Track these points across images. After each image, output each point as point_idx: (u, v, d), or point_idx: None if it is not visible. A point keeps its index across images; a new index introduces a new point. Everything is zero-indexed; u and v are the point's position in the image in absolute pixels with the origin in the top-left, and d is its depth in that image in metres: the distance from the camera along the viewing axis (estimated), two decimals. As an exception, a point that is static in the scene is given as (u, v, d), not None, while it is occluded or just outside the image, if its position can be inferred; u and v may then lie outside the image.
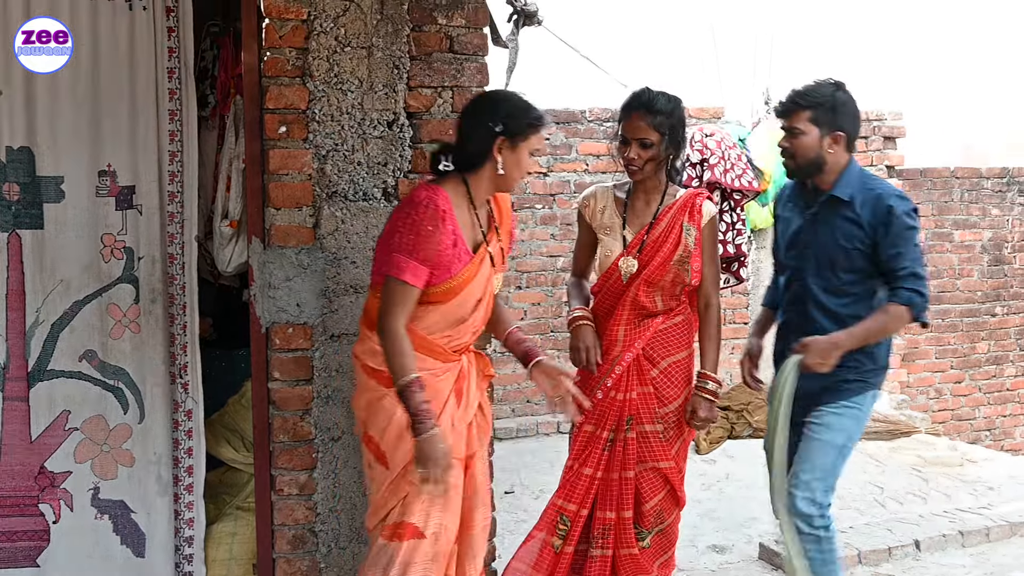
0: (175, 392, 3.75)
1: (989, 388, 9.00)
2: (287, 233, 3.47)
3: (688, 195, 3.69)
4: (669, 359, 3.67)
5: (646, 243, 3.64)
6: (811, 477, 3.53)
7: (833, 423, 3.55)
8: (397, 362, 2.97)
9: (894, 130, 8.34)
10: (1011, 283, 9.04)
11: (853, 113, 3.59)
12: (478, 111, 3.14)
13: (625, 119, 3.62)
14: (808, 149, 3.53)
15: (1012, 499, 5.86)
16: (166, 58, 3.66)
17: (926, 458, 6.91)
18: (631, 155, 3.59)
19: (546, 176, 7.48)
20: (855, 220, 3.49)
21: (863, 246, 3.48)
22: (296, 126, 3.46)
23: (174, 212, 3.72)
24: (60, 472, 3.67)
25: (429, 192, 3.03)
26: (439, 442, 2.96)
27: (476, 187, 3.14)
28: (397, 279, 2.98)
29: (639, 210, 3.71)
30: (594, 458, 3.65)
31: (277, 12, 3.42)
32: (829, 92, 3.53)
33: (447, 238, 3.01)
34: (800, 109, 3.53)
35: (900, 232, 3.43)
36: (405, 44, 3.56)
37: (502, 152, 3.09)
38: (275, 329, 3.49)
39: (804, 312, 3.60)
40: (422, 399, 2.95)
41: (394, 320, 2.98)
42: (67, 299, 3.64)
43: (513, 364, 7.23)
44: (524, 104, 3.15)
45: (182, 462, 3.78)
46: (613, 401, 3.64)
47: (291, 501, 3.55)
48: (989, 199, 8.92)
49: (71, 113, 3.58)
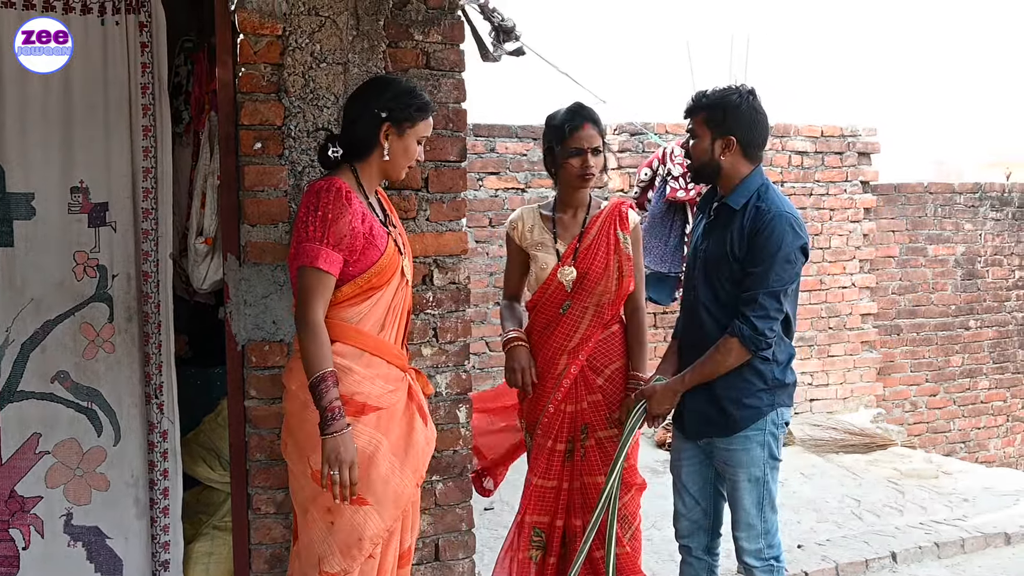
0: (150, 412, 3.71)
1: (964, 401, 9.07)
2: (263, 250, 3.44)
3: (613, 204, 3.83)
4: (611, 366, 3.78)
5: (579, 251, 3.75)
6: (745, 517, 3.44)
7: (741, 459, 3.41)
8: (314, 354, 2.86)
9: (868, 146, 8.40)
10: (984, 297, 9.13)
11: (749, 120, 3.41)
12: (363, 97, 3.08)
13: (576, 130, 3.70)
14: (700, 152, 3.44)
15: (987, 510, 5.91)
16: (139, 73, 3.62)
17: (902, 470, 6.95)
18: (589, 163, 3.68)
19: (524, 192, 7.48)
20: (740, 230, 3.35)
21: (741, 259, 3.34)
22: (271, 142, 3.44)
23: (148, 229, 3.68)
24: (30, 497, 3.60)
25: (326, 180, 2.99)
26: (350, 442, 2.86)
27: (365, 176, 3.09)
28: (310, 267, 2.89)
29: (567, 223, 3.83)
30: (555, 471, 3.75)
31: (252, 28, 3.40)
32: (726, 97, 3.39)
33: (355, 218, 2.94)
34: (697, 111, 3.44)
35: (762, 253, 3.28)
36: (381, 60, 3.55)
37: (388, 139, 3.05)
38: (251, 347, 3.46)
39: (699, 324, 3.48)
40: (336, 395, 2.86)
41: (311, 311, 2.88)
42: (38, 318, 3.58)
43: (492, 380, 7.23)
44: (409, 89, 3.10)
45: (158, 484, 3.73)
46: (565, 414, 3.75)
47: (268, 520, 3.51)
48: (962, 214, 9.01)
49: (42, 129, 3.53)
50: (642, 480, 3.81)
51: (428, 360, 3.65)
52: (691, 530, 3.63)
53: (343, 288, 2.98)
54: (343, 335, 3.00)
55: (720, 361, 3.35)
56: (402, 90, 3.09)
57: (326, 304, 2.92)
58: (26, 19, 3.49)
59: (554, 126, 3.77)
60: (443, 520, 3.70)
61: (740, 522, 3.47)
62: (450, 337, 3.70)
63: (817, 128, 8.27)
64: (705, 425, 3.47)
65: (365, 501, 2.99)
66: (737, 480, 3.43)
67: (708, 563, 3.66)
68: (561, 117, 3.76)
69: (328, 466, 2.84)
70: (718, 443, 3.45)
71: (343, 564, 2.99)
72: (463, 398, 3.73)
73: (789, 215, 3.33)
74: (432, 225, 3.66)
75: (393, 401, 3.08)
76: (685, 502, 3.63)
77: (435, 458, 3.67)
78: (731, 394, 3.39)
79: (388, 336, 3.10)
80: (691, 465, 3.59)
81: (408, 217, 3.61)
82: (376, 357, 3.05)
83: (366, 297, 3.01)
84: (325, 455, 2.84)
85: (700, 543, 3.63)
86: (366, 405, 3.01)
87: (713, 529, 3.64)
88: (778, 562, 3.48)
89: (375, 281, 3.00)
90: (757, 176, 3.44)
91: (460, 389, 3.73)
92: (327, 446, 2.84)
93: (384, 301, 3.05)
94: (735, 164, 3.42)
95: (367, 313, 3.02)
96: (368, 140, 3.05)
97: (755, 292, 3.28)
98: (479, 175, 7.36)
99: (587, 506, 3.72)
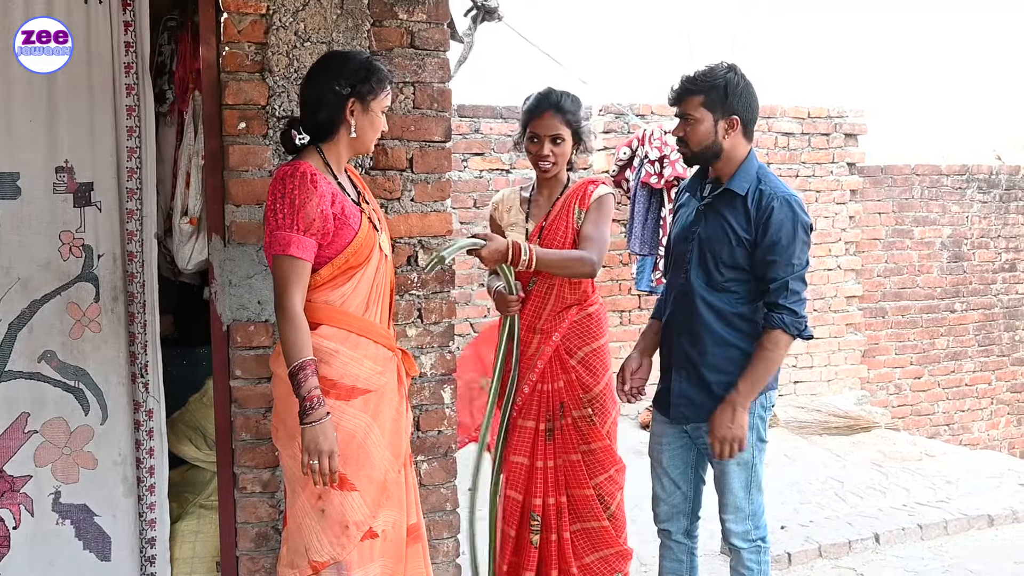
0: (136, 391, 3.71)
1: (948, 383, 9.12)
2: (247, 230, 3.44)
3: (581, 183, 3.85)
4: (585, 348, 3.80)
5: (544, 230, 3.80)
6: (733, 500, 3.47)
7: None
8: (292, 342, 2.85)
9: (855, 127, 8.42)
10: (970, 280, 9.16)
11: (748, 97, 3.39)
12: (322, 77, 3.03)
13: (536, 118, 3.76)
14: (703, 136, 3.38)
15: (970, 493, 5.95)
16: (123, 53, 3.61)
17: (886, 453, 7.00)
18: (545, 151, 3.74)
19: (508, 173, 7.48)
20: (744, 215, 3.34)
21: (746, 243, 3.33)
22: (256, 122, 3.43)
23: (133, 209, 3.68)
24: (19, 476, 3.61)
25: (290, 166, 2.94)
26: (331, 431, 2.86)
27: (333, 155, 3.06)
28: (283, 255, 2.87)
29: (541, 204, 3.90)
30: (537, 450, 3.81)
31: (235, 6, 3.39)
32: (721, 75, 3.35)
33: (324, 200, 2.91)
34: (691, 94, 3.37)
35: (777, 237, 3.28)
36: (366, 39, 3.54)
37: (355, 115, 3.02)
38: (236, 327, 3.46)
39: (690, 308, 3.45)
40: (315, 384, 2.84)
41: (289, 299, 2.86)
42: (25, 298, 3.58)
43: (477, 361, 7.24)
44: (368, 63, 3.06)
45: (144, 462, 3.74)
46: (542, 393, 3.81)
47: (254, 499, 3.53)
48: (949, 196, 9.02)
49: (26, 108, 3.52)
50: (620, 461, 3.83)
51: (413, 341, 3.67)
52: (671, 514, 3.65)
53: (321, 271, 2.96)
54: (328, 318, 2.99)
55: (774, 358, 3.32)
56: (360, 64, 3.04)
57: (303, 290, 2.90)
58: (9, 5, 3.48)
59: (523, 111, 3.84)
60: (428, 500, 3.72)
61: (728, 504, 3.48)
62: (435, 318, 3.71)
63: (804, 109, 8.28)
64: (693, 410, 3.47)
65: (353, 487, 3.00)
66: (725, 463, 3.43)
67: (688, 546, 3.68)
68: (527, 103, 3.82)
69: (308, 455, 2.84)
70: (706, 427, 3.45)
71: (332, 552, 2.98)
72: (448, 378, 3.75)
73: (793, 197, 3.35)
74: (417, 206, 3.66)
75: (382, 383, 3.08)
76: (665, 486, 3.64)
77: (420, 438, 3.69)
78: (722, 379, 3.39)
79: (373, 315, 3.09)
80: (673, 449, 3.60)
81: (393, 198, 3.61)
82: (363, 338, 3.04)
83: (347, 278, 3.00)
84: (304, 444, 2.84)
85: (680, 527, 3.65)
86: (355, 388, 3.01)
87: (693, 512, 3.66)
88: (764, 543, 3.50)
89: (353, 260, 2.99)
90: (754, 157, 3.44)
91: (445, 370, 3.74)
92: (306, 435, 2.83)
93: (367, 280, 3.04)
94: (736, 145, 3.40)
95: (350, 294, 3.01)
96: (334, 119, 3.01)
97: (784, 279, 3.28)
98: (464, 156, 7.36)
99: (567, 484, 3.79)
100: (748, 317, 3.39)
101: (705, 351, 3.42)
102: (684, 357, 3.48)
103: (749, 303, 3.39)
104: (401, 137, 3.61)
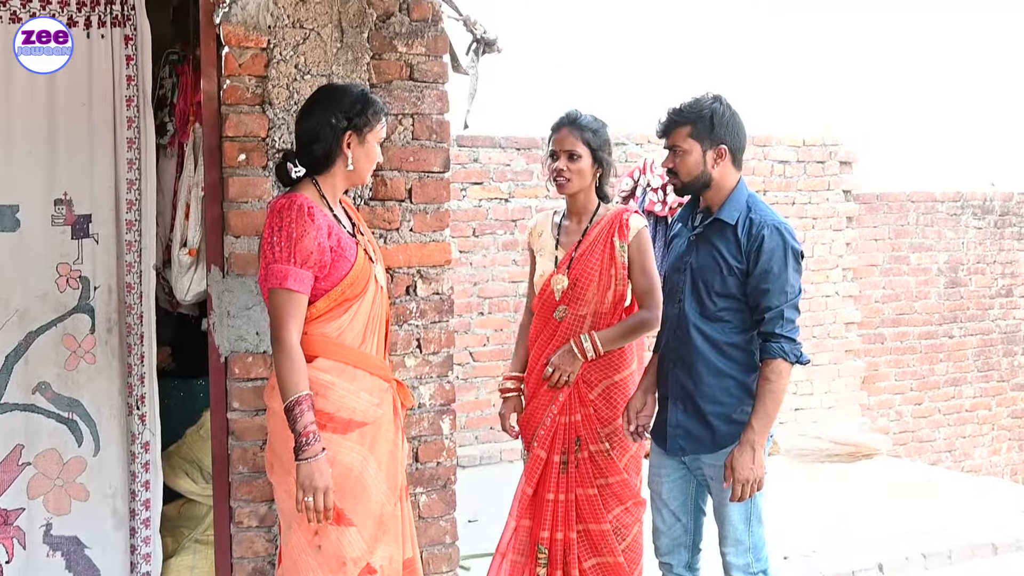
0: (132, 423, 3.69)
1: (948, 410, 9.09)
2: (247, 261, 3.44)
3: (615, 212, 3.81)
4: (606, 381, 3.75)
5: (574, 260, 3.75)
6: (732, 532, 3.42)
7: (729, 474, 3.33)
8: (288, 377, 2.82)
9: (850, 154, 8.45)
10: (967, 305, 9.16)
11: (734, 126, 3.38)
12: (318, 110, 3.02)
13: (554, 134, 3.77)
14: (692, 166, 3.37)
15: (973, 520, 5.92)
16: (124, 86, 3.63)
17: (887, 480, 6.98)
18: (559, 166, 3.72)
19: (507, 202, 7.49)
20: (735, 244, 3.32)
21: (738, 272, 3.31)
22: (256, 154, 3.44)
23: (132, 241, 3.68)
24: (13, 509, 3.59)
25: (286, 198, 2.93)
26: (326, 467, 2.82)
27: (328, 187, 3.04)
28: (280, 289, 2.85)
29: (571, 230, 3.84)
30: (552, 482, 3.73)
31: (236, 40, 3.40)
32: (707, 106, 3.35)
33: (320, 233, 2.89)
34: (679, 126, 3.37)
35: (769, 266, 3.26)
36: (365, 72, 3.55)
37: (351, 147, 3.01)
38: (234, 358, 3.45)
39: (684, 338, 3.42)
40: (311, 419, 2.81)
41: (286, 332, 2.84)
42: (21, 330, 3.57)
43: (476, 391, 7.23)
44: (363, 95, 3.05)
45: (139, 495, 3.72)
46: (560, 425, 3.75)
47: (250, 533, 3.50)
48: (944, 222, 9.04)
49: (26, 141, 3.53)
50: (637, 495, 3.77)
51: (412, 371, 3.65)
52: (671, 547, 3.61)
53: (317, 304, 2.94)
54: (325, 350, 2.97)
55: (779, 389, 3.28)
56: (356, 96, 3.03)
57: (300, 324, 2.88)
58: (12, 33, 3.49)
59: None
60: (426, 533, 3.69)
61: (727, 537, 3.44)
62: (434, 348, 3.70)
63: (799, 137, 8.31)
64: (690, 442, 3.43)
65: (351, 522, 2.96)
66: (724, 495, 3.39)
67: None
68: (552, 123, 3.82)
69: (303, 492, 2.81)
70: (704, 458, 3.42)
71: None
72: (447, 409, 3.73)
73: (783, 224, 3.33)
74: (416, 236, 3.66)
75: (379, 415, 3.06)
76: (665, 519, 3.60)
77: (418, 469, 3.67)
78: (718, 410, 3.37)
79: (370, 347, 3.07)
80: (672, 481, 3.57)
81: (392, 228, 3.61)
82: (359, 370, 3.02)
83: (344, 310, 2.98)
84: (300, 481, 2.80)
85: (681, 560, 3.61)
86: (352, 421, 2.98)
87: (694, 545, 3.62)
88: (765, 575, 3.48)
89: (349, 292, 2.97)
90: (743, 186, 3.43)
91: (444, 400, 3.73)
92: (301, 472, 2.80)
93: (363, 311, 3.02)
94: (725, 174, 3.39)
95: (347, 326, 2.99)
96: (330, 152, 3.00)
97: (779, 308, 3.26)
98: (462, 185, 7.36)
99: (579, 518, 3.72)
100: (742, 347, 3.37)
101: (700, 381, 3.39)
102: (680, 388, 3.45)
103: (743, 332, 3.37)
104: (400, 168, 3.62)
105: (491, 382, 7.21)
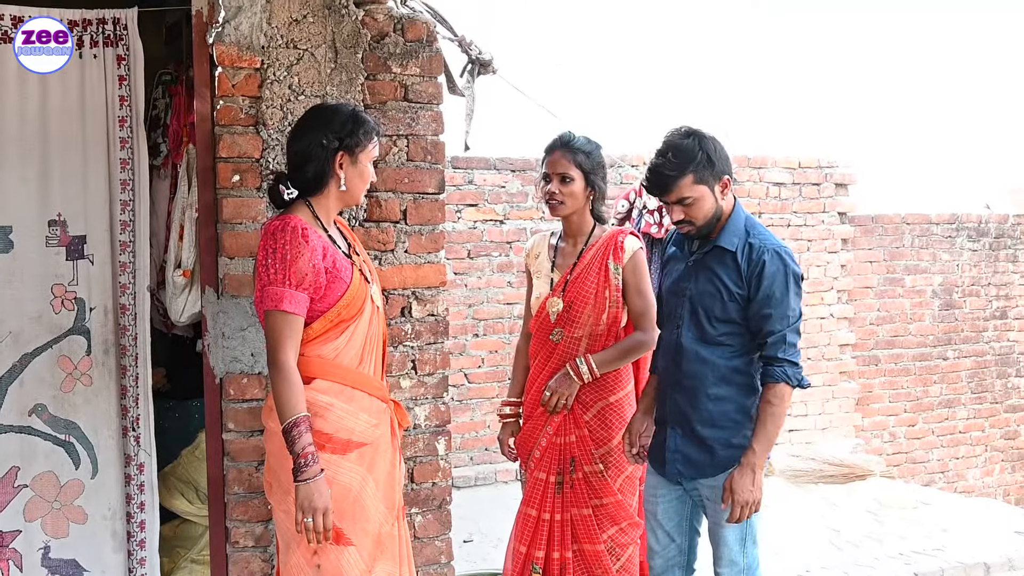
0: (127, 445, 3.69)
1: (942, 431, 9.09)
2: (241, 282, 3.44)
3: (611, 233, 3.82)
4: (601, 403, 3.76)
5: (569, 282, 3.76)
6: (728, 554, 3.42)
7: (727, 497, 3.32)
8: (286, 399, 2.81)
9: (845, 176, 8.47)
10: (962, 327, 9.17)
11: (724, 153, 3.37)
12: (309, 131, 3.00)
13: (547, 157, 3.78)
14: (708, 209, 3.33)
15: (966, 541, 5.91)
16: (117, 107, 3.64)
17: (881, 501, 6.96)
18: (552, 189, 3.73)
19: (502, 223, 7.50)
20: (736, 270, 3.32)
21: (739, 298, 3.31)
22: (250, 175, 3.45)
23: (126, 262, 3.69)
24: (9, 531, 3.58)
25: (281, 220, 2.91)
26: (324, 488, 2.82)
27: (322, 208, 3.02)
28: (276, 311, 2.84)
29: (567, 252, 3.86)
30: (546, 502, 3.75)
31: (230, 61, 3.42)
32: (696, 145, 3.30)
33: (315, 254, 2.88)
34: (680, 178, 3.29)
35: (771, 291, 3.26)
36: (359, 93, 3.57)
37: (344, 167, 2.99)
38: (229, 379, 3.45)
39: (682, 363, 3.41)
40: (308, 440, 2.81)
41: (283, 354, 2.83)
42: (16, 352, 3.57)
43: (471, 412, 7.21)
44: (354, 114, 3.04)
45: (135, 517, 3.71)
46: (554, 446, 3.76)
47: (247, 553, 3.49)
48: (939, 244, 9.06)
49: (20, 162, 3.54)
50: (632, 516, 3.77)
51: (407, 392, 3.66)
52: (665, 567, 3.60)
53: (314, 325, 2.93)
54: (322, 371, 2.96)
55: (780, 412, 3.28)
56: (347, 116, 3.02)
57: (296, 346, 2.88)
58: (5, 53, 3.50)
59: None
60: (422, 553, 3.68)
61: (722, 558, 3.44)
62: (429, 369, 3.70)
63: (794, 159, 8.34)
64: (689, 467, 3.43)
65: (350, 541, 2.95)
66: (721, 516, 3.39)
67: None
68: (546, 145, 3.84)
69: (302, 513, 2.80)
70: (702, 480, 3.42)
71: None
72: (442, 430, 3.73)
73: (783, 248, 3.34)
74: (411, 257, 3.67)
75: (377, 435, 3.05)
76: (659, 539, 3.59)
77: (414, 490, 3.67)
78: (718, 435, 3.36)
79: (367, 368, 3.07)
80: (668, 502, 3.56)
81: (387, 249, 3.62)
82: (357, 391, 3.01)
83: (340, 331, 2.97)
84: (299, 501, 2.80)
85: None
86: (350, 442, 2.97)
87: (688, 565, 3.62)
88: None
89: (345, 313, 2.96)
90: (740, 209, 3.43)
91: (439, 421, 3.73)
92: (300, 493, 2.79)
93: (360, 332, 3.01)
94: (728, 202, 3.40)
95: (344, 347, 2.98)
96: (323, 173, 2.98)
97: (781, 332, 3.26)
98: (457, 207, 7.37)
99: (574, 538, 3.73)
100: (742, 371, 3.37)
101: (699, 406, 3.39)
102: (678, 412, 3.44)
103: (743, 356, 3.36)
104: (395, 189, 3.63)
105: (486, 403, 7.21)
